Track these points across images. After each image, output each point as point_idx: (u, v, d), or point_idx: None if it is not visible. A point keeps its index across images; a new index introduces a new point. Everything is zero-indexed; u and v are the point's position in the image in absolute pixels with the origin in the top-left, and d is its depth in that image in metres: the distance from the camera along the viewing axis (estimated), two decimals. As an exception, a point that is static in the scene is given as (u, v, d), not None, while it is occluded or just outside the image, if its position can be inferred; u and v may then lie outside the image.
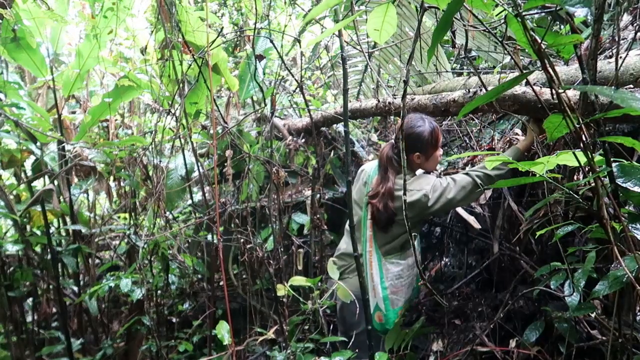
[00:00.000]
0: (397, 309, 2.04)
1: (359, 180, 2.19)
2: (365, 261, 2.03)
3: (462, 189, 1.89)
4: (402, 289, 2.03)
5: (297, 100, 3.61)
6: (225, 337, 1.74)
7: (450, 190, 1.89)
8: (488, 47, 2.59)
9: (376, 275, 2.01)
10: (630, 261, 1.12)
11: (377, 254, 2.02)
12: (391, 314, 2.01)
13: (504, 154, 1.95)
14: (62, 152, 2.73)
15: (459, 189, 1.89)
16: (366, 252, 2.04)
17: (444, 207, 1.93)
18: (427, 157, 2.00)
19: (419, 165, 2.03)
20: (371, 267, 2.02)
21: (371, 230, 2.03)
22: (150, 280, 2.49)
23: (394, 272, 2.02)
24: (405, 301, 2.07)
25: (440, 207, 1.91)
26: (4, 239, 2.53)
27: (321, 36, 0.93)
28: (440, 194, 1.89)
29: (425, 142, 1.95)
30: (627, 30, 1.94)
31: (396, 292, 2.02)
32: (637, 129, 1.87)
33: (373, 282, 2.02)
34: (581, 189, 1.37)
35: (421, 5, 0.97)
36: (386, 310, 2.01)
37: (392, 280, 2.01)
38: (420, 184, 1.93)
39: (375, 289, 2.01)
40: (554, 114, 0.72)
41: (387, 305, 2.01)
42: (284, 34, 2.48)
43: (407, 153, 2.00)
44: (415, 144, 1.95)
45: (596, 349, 1.94)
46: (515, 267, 2.55)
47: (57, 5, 2.69)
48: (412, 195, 1.90)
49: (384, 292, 2.00)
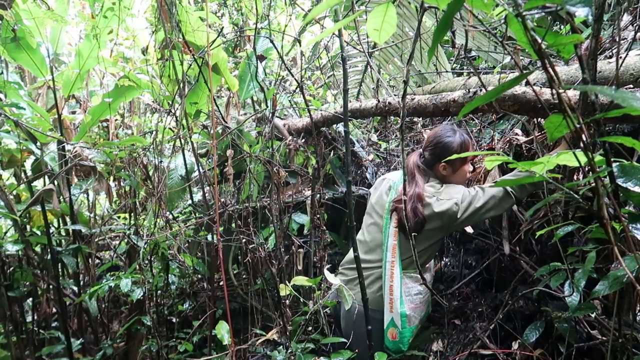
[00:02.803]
0: (413, 327, 1.91)
1: (378, 188, 2.10)
2: (384, 272, 1.92)
3: (492, 197, 1.80)
4: (420, 306, 1.93)
5: (297, 100, 3.61)
6: (225, 337, 1.75)
7: (479, 199, 1.80)
8: (488, 47, 2.59)
9: (396, 289, 1.87)
10: (631, 261, 1.12)
11: (399, 266, 1.89)
12: (407, 332, 1.88)
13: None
14: (62, 152, 2.73)
15: (489, 198, 1.80)
16: (387, 262, 1.92)
17: (471, 217, 1.82)
18: (454, 169, 1.93)
19: (444, 176, 1.96)
20: (392, 279, 1.89)
21: (395, 239, 1.91)
22: (150, 280, 2.49)
23: (413, 287, 1.90)
24: (420, 320, 1.96)
25: (468, 216, 1.81)
26: (4, 239, 2.53)
27: (321, 35, 0.93)
28: (469, 203, 1.81)
29: (452, 153, 1.85)
30: (627, 30, 1.94)
31: (415, 308, 1.90)
32: (637, 129, 1.88)
33: (392, 296, 1.87)
34: (581, 189, 1.37)
35: (421, 5, 0.97)
36: (402, 327, 1.87)
37: (412, 296, 1.89)
38: (449, 193, 1.85)
39: (393, 303, 1.87)
40: (554, 114, 0.72)
41: (404, 322, 1.87)
42: (284, 34, 2.49)
43: (434, 162, 1.95)
44: (443, 153, 1.87)
45: (596, 349, 1.94)
46: (515, 267, 2.55)
47: (57, 5, 2.69)
48: (441, 205, 1.82)
49: (402, 307, 1.87)
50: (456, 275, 3.03)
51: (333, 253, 3.29)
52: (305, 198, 2.81)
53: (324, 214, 2.73)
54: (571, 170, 1.84)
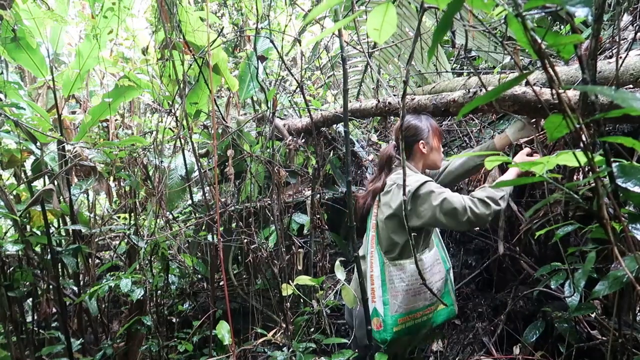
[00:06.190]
0: (397, 316, 1.88)
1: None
2: (367, 262, 1.95)
3: (446, 200, 1.72)
4: (401, 294, 1.88)
5: (297, 100, 3.61)
6: (226, 337, 1.74)
7: (436, 197, 1.74)
8: (488, 47, 2.59)
9: (377, 278, 1.90)
10: (630, 261, 1.12)
11: (378, 256, 1.92)
12: (389, 319, 1.87)
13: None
14: (62, 152, 2.73)
15: (444, 200, 1.73)
16: (367, 254, 1.96)
17: (422, 216, 1.77)
18: (430, 146, 1.98)
19: (424, 155, 1.98)
20: (372, 269, 1.92)
21: (374, 231, 1.96)
22: (150, 280, 2.49)
23: (396, 275, 1.89)
24: (408, 311, 1.90)
25: (419, 214, 1.77)
26: (4, 239, 2.53)
27: (321, 35, 0.93)
28: (424, 197, 1.77)
29: (424, 129, 1.97)
30: (627, 31, 1.94)
31: (396, 295, 1.88)
32: (637, 129, 1.88)
33: (373, 285, 1.91)
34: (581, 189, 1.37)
35: (421, 5, 0.97)
36: (384, 315, 1.87)
37: (392, 284, 1.88)
38: (416, 178, 1.84)
39: (375, 292, 1.90)
40: (554, 114, 0.72)
41: (385, 310, 1.87)
42: (284, 34, 2.49)
43: (412, 144, 1.98)
44: (416, 133, 1.96)
45: (596, 349, 1.95)
46: (515, 267, 2.55)
47: (57, 5, 2.69)
48: (407, 187, 1.77)
49: (385, 295, 1.88)
50: (456, 275, 3.03)
51: (333, 253, 3.30)
52: (305, 198, 2.81)
53: (324, 214, 2.73)
54: (571, 170, 1.84)
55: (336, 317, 3.05)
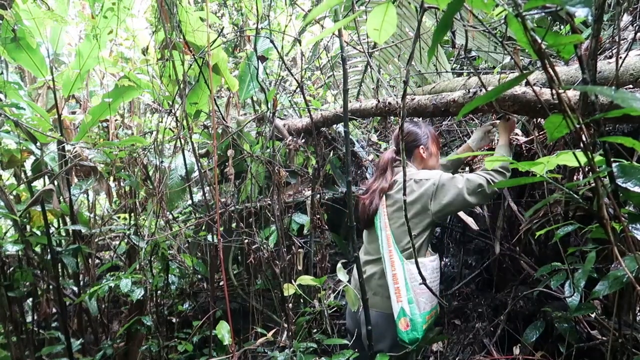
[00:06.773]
0: (425, 313, 1.86)
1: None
2: (385, 262, 1.91)
3: (468, 181, 1.81)
4: (427, 291, 1.85)
5: (297, 100, 3.61)
6: (226, 337, 1.74)
7: (458, 181, 1.82)
8: (488, 47, 2.59)
9: (400, 277, 1.85)
10: (630, 261, 1.12)
11: (397, 254, 1.88)
12: (418, 317, 1.83)
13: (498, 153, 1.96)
14: (62, 152, 2.73)
15: (467, 181, 1.81)
16: (385, 253, 1.92)
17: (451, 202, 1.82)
18: (429, 152, 2.06)
19: (424, 160, 2.06)
20: (393, 267, 1.88)
21: (388, 230, 1.93)
22: (150, 281, 2.49)
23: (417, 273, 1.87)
24: (432, 307, 1.90)
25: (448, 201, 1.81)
26: (4, 239, 2.53)
27: (321, 35, 0.93)
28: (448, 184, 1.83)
29: (423, 135, 2.06)
30: (627, 31, 1.94)
31: (422, 293, 1.86)
32: (637, 129, 1.88)
33: (397, 284, 1.86)
34: (581, 189, 1.37)
35: (421, 5, 0.97)
36: (412, 314, 1.83)
37: (415, 282, 1.85)
38: (429, 174, 1.90)
39: (400, 291, 1.85)
40: (554, 114, 0.72)
41: (412, 309, 1.84)
42: (284, 34, 2.48)
43: (413, 148, 2.06)
44: (417, 138, 2.05)
45: (596, 349, 1.95)
46: (515, 267, 2.55)
47: (57, 5, 2.69)
48: (421, 186, 1.86)
49: (409, 293, 1.84)
50: (456, 275, 3.03)
51: (333, 253, 3.30)
52: (305, 198, 2.81)
53: (324, 214, 2.73)
54: (571, 170, 1.84)
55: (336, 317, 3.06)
